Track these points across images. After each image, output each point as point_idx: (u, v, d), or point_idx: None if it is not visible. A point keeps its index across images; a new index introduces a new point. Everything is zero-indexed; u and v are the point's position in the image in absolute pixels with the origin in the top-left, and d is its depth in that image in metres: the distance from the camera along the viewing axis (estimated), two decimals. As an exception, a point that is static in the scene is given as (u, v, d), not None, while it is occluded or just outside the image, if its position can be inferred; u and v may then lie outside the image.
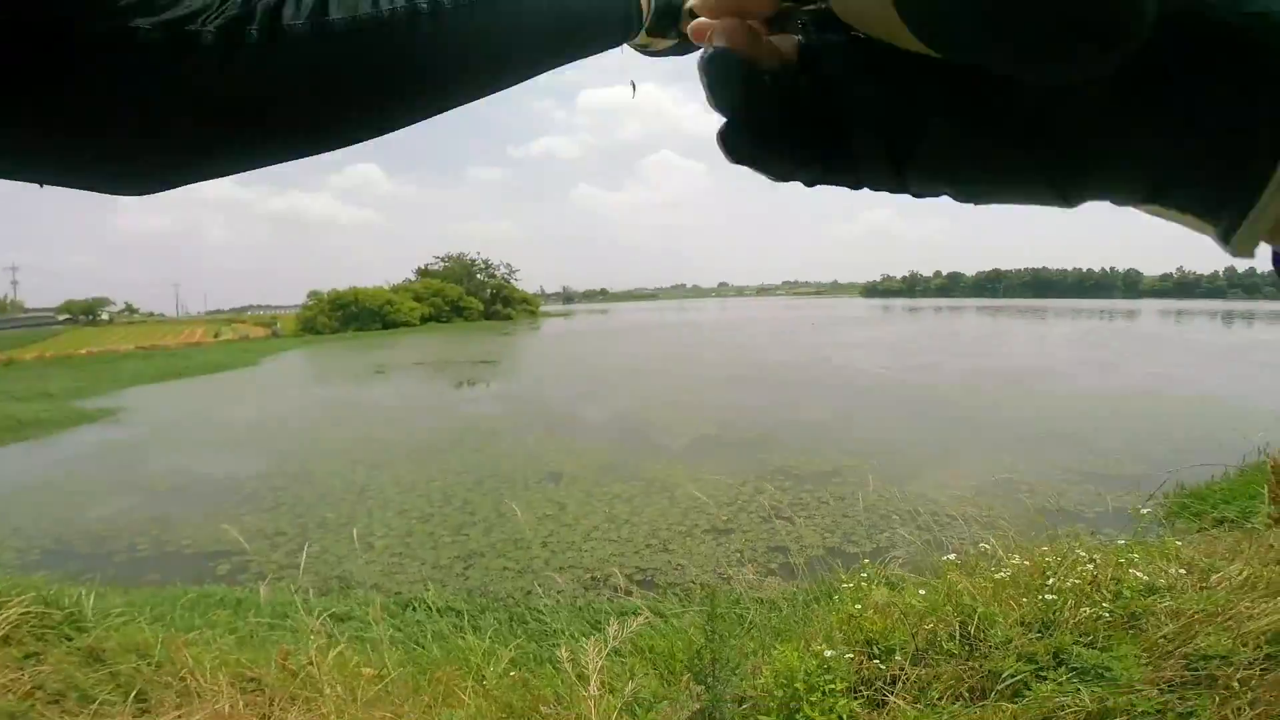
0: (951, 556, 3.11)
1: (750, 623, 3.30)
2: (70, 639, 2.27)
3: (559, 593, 4.35)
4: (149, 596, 4.13)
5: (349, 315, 52.32)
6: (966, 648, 2.18)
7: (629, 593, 4.19)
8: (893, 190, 0.24)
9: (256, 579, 5.10)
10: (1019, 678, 1.92)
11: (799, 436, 10.00)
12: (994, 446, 8.81)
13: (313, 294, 55.86)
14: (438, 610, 3.90)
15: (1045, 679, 1.88)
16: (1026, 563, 2.66)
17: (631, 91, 0.78)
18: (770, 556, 5.26)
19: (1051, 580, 2.36)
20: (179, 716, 1.61)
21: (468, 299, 62.60)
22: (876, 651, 2.36)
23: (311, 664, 2.46)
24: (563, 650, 2.62)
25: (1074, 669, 1.88)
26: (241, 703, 1.92)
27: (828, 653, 2.27)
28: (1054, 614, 2.22)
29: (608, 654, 2.62)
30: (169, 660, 2.21)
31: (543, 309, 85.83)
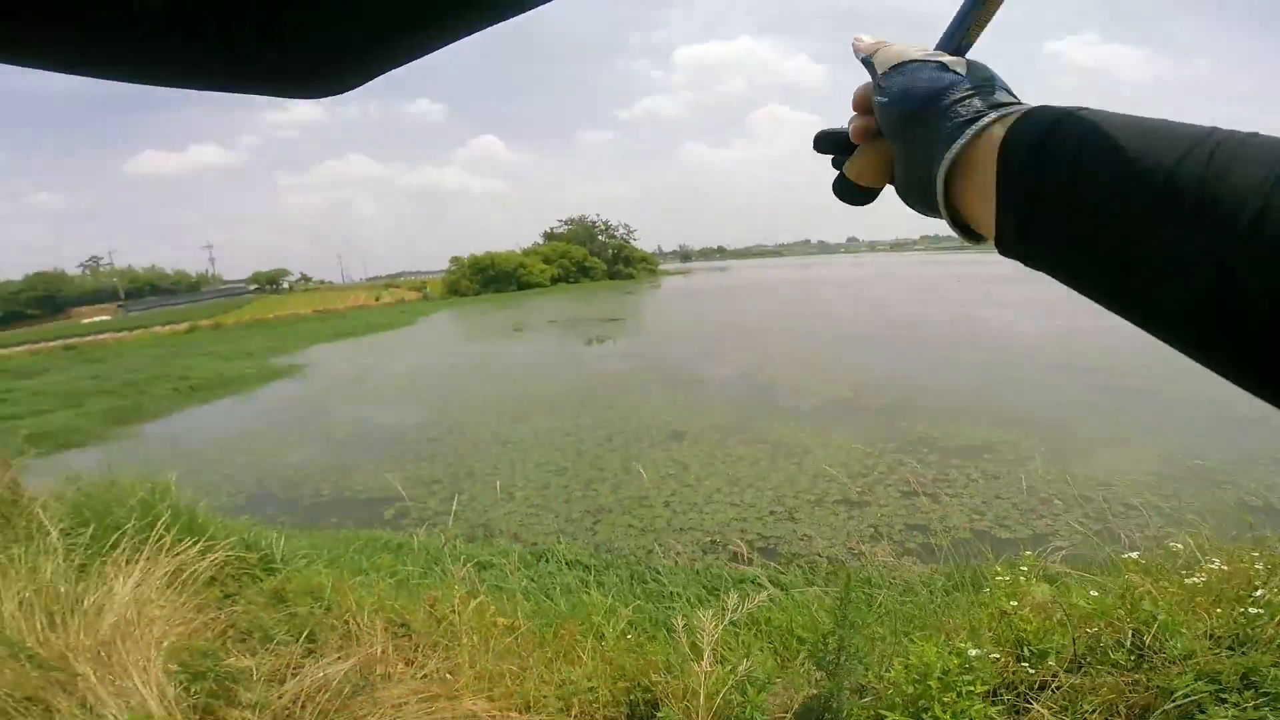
0: (1134, 555, 2.75)
1: (881, 606, 3.15)
2: (260, 580, 2.66)
3: (678, 554, 4.44)
4: (328, 539, 4.74)
5: (487, 278, 56.07)
6: (1135, 658, 1.92)
7: (749, 561, 4.16)
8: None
9: (416, 524, 5.69)
10: (1194, 698, 1.66)
11: (944, 404, 9.20)
12: (1184, 426, 7.59)
13: (454, 259, 60.39)
14: (567, 563, 4.12)
15: (1225, 701, 1.61)
16: (1226, 568, 2.28)
17: None
18: (908, 535, 4.97)
19: (1260, 591, 2.00)
20: (338, 659, 1.83)
21: (592, 259, 64.62)
22: (1027, 654, 2.15)
23: (454, 612, 2.69)
24: (679, 620, 2.67)
25: (1266, 694, 1.59)
26: (392, 647, 2.14)
27: (972, 651, 2.11)
28: (1254, 630, 1.89)
29: (726, 628, 2.62)
30: (337, 603, 2.51)
31: (662, 267, 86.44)
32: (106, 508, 2.84)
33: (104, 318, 63.74)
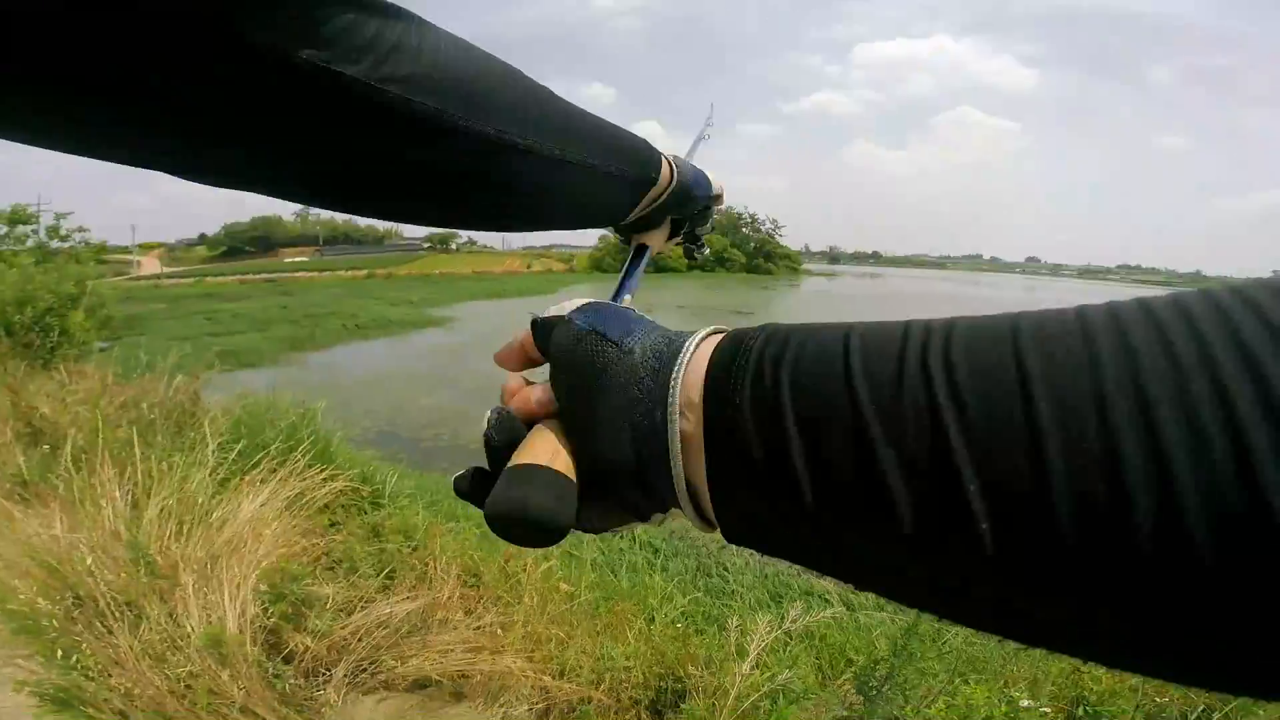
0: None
1: (946, 644, 3.00)
2: (365, 514, 3.03)
3: (751, 554, 4.41)
4: (434, 483, 5.20)
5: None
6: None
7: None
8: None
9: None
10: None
11: None
12: None
13: (602, 237, 62.34)
14: (639, 543, 4.26)
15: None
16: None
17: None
18: None
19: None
20: (407, 599, 2.08)
21: (731, 250, 64.20)
22: (1082, 713, 2.03)
23: (524, 571, 2.91)
24: (733, 620, 2.71)
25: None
26: (458, 594, 2.38)
27: (1024, 702, 2.00)
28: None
29: (777, 636, 2.63)
30: (423, 545, 2.81)
31: (805, 267, 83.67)
32: (260, 427, 3.35)
33: (303, 258, 73.97)
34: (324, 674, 1.81)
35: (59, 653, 1.79)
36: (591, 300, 0.35)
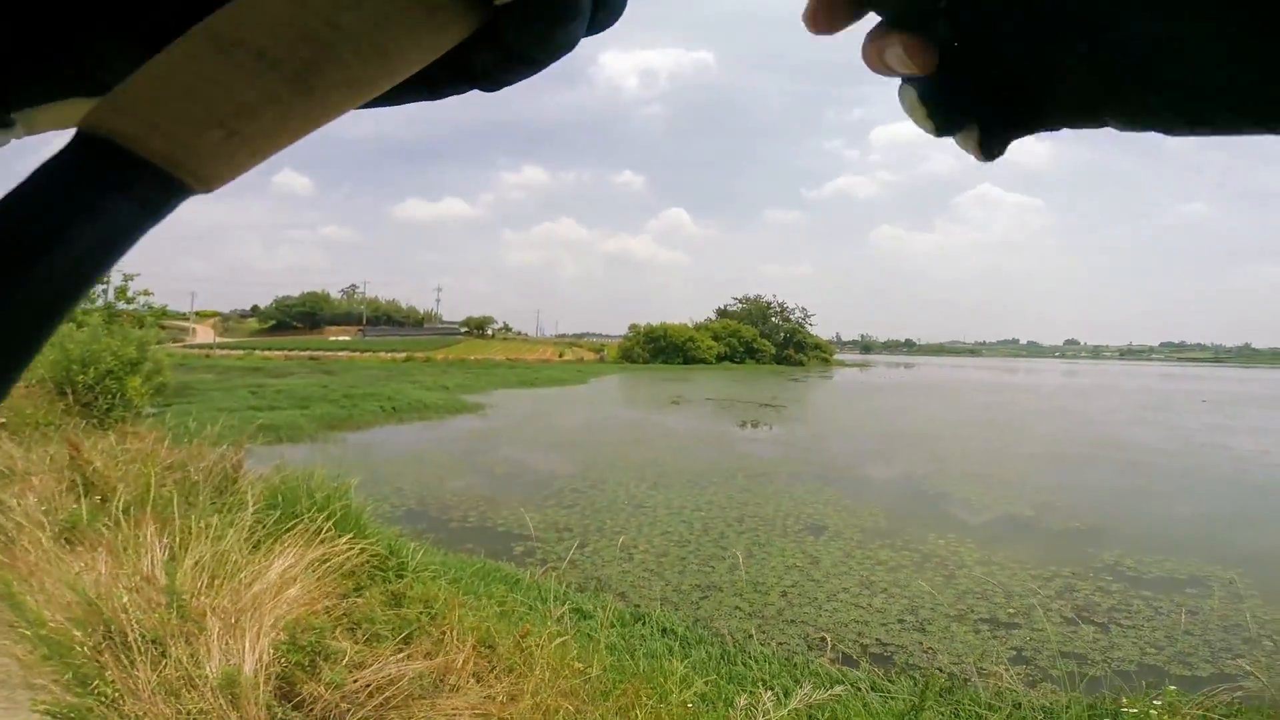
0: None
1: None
2: (389, 582, 3.10)
3: (779, 644, 4.30)
4: (458, 561, 5.25)
5: (658, 348, 58.43)
6: None
7: (857, 662, 3.93)
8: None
9: (539, 564, 6.08)
10: None
11: (1148, 533, 8.19)
12: None
13: (632, 327, 63.89)
14: (661, 630, 4.19)
15: None
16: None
17: None
18: (1055, 662, 4.47)
19: None
20: (419, 659, 2.12)
21: (761, 341, 64.36)
22: None
23: (538, 646, 2.91)
24: (741, 699, 2.66)
25: None
26: (471, 661, 2.40)
27: None
28: None
29: (787, 714, 2.57)
30: (442, 615, 2.85)
31: (837, 357, 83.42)
32: (295, 496, 3.52)
33: (346, 337, 76.93)
34: (333, 728, 1.84)
35: (80, 677, 1.88)
36: None
